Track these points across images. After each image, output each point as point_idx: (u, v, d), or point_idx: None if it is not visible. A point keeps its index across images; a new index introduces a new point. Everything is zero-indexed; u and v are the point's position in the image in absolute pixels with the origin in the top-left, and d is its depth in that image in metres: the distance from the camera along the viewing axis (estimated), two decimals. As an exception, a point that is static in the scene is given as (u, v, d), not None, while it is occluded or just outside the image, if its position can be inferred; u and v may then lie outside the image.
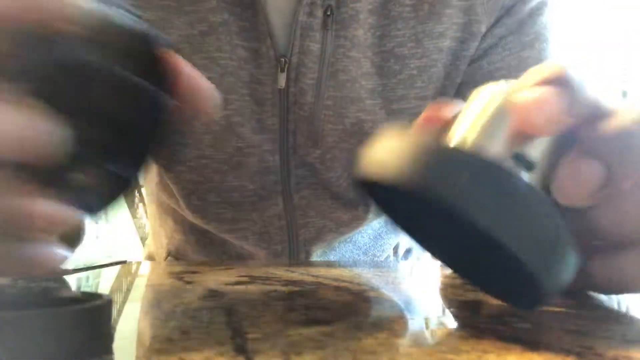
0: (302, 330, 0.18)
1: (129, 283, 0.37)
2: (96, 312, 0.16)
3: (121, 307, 0.25)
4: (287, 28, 0.45)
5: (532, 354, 0.15)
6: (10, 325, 0.14)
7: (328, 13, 0.45)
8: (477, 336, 0.17)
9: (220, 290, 0.28)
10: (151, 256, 0.75)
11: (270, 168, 0.49)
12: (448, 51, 0.51)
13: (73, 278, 0.38)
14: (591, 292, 0.25)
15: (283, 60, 0.44)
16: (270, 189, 0.54)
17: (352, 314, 0.22)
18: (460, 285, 0.29)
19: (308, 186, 0.51)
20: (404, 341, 0.16)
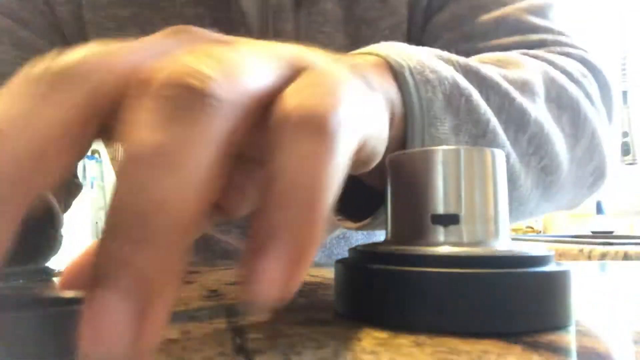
0: (302, 330, 0.18)
1: (129, 283, 0.37)
2: None
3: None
4: (260, 12, 0.46)
5: (532, 354, 0.15)
6: (10, 325, 0.14)
7: None
8: (477, 336, 0.17)
9: (220, 290, 0.28)
10: None
11: None
12: (407, 4, 0.51)
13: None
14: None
15: None
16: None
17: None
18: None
19: None
20: (404, 341, 0.16)
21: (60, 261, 0.50)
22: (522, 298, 0.17)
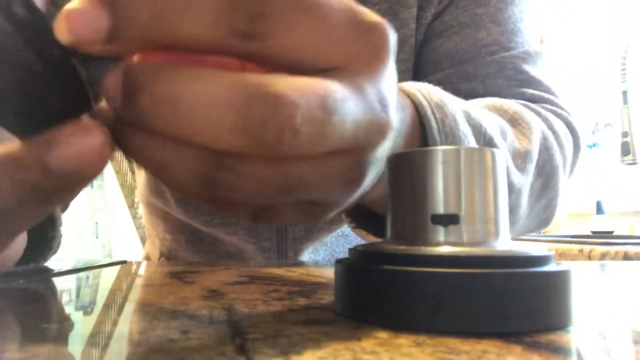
0: (302, 330, 0.18)
1: (129, 283, 0.37)
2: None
3: (121, 307, 0.25)
4: None
5: (532, 354, 0.15)
6: None
7: None
8: (477, 336, 0.17)
9: (220, 290, 0.28)
10: (147, 257, 0.76)
11: None
12: (415, 19, 0.52)
13: (73, 278, 0.38)
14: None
15: None
16: None
17: (352, 314, 0.22)
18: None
19: None
20: (404, 341, 0.16)
21: (60, 261, 0.50)
22: (522, 298, 0.17)
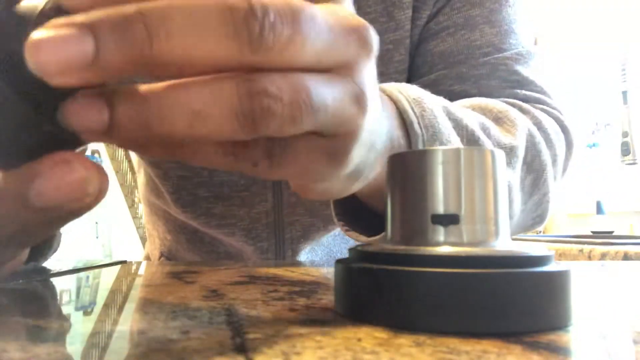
0: (302, 330, 0.18)
1: (129, 283, 0.37)
2: None
3: (121, 307, 0.25)
4: None
5: (532, 354, 0.15)
6: None
7: None
8: (477, 336, 0.17)
9: (220, 290, 0.28)
10: (147, 257, 0.76)
11: None
12: (410, 20, 0.53)
13: (73, 278, 0.38)
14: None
15: None
16: (261, 184, 0.55)
17: (352, 314, 0.22)
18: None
19: None
20: (404, 341, 0.16)
21: (60, 261, 0.50)
22: (522, 298, 0.17)
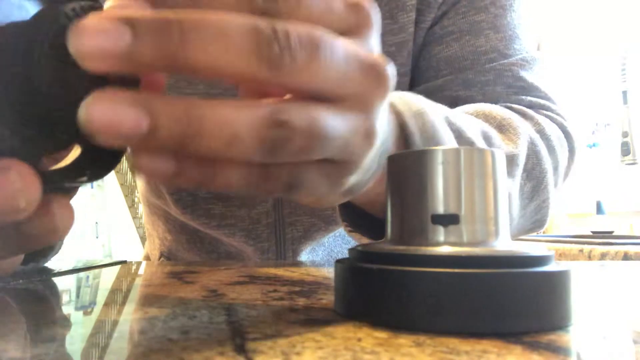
0: (302, 330, 0.18)
1: (129, 283, 0.37)
2: None
3: (121, 307, 0.25)
4: None
5: (532, 354, 0.15)
6: None
7: None
8: (477, 336, 0.17)
9: (220, 290, 0.28)
10: (147, 257, 0.76)
11: None
12: (413, 23, 0.52)
13: (73, 278, 0.38)
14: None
15: None
16: None
17: (352, 314, 0.22)
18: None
19: None
20: (404, 341, 0.16)
21: (60, 261, 0.50)
22: (522, 298, 0.17)
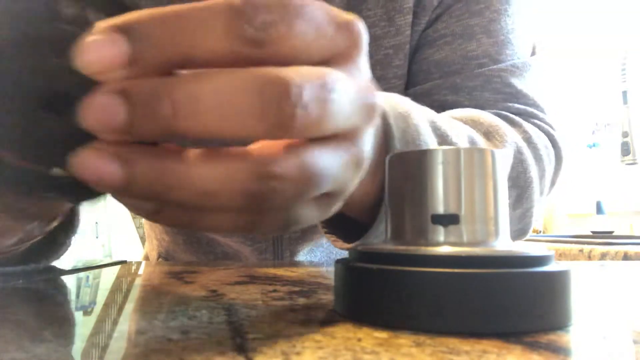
0: (302, 330, 0.18)
1: (129, 283, 0.37)
2: None
3: (121, 307, 0.25)
4: None
5: (532, 354, 0.15)
6: None
7: None
8: (477, 336, 0.17)
9: (220, 290, 0.28)
10: (147, 257, 0.76)
11: None
12: (410, 25, 0.52)
13: (73, 278, 0.38)
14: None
15: None
16: None
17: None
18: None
19: None
20: (404, 341, 0.16)
21: (60, 261, 0.50)
22: (522, 298, 0.17)
